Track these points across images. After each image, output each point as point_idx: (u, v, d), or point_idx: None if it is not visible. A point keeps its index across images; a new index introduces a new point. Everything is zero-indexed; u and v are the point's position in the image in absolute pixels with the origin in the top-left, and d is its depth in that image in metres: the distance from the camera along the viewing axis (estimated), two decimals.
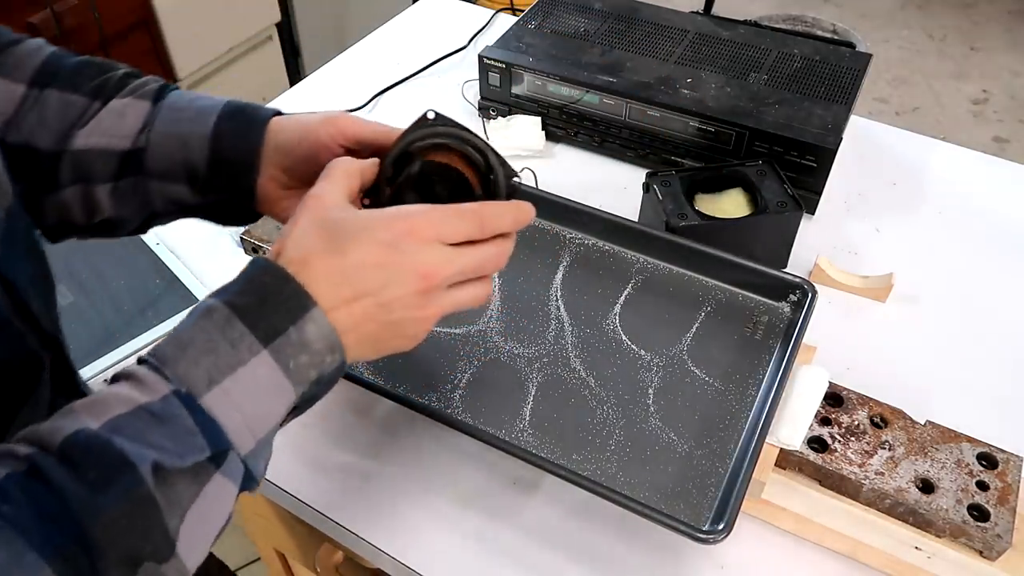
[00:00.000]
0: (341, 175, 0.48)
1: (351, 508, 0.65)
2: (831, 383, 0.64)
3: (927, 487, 0.59)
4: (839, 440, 0.61)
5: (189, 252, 0.87)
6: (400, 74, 1.12)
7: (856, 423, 0.62)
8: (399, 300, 0.45)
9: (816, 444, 0.61)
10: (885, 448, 0.61)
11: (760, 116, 0.89)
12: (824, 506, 0.60)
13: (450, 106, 1.06)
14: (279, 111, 0.58)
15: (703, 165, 0.90)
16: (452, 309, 0.48)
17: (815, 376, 0.64)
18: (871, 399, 0.64)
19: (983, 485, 0.59)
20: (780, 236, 0.82)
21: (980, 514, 0.57)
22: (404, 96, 1.10)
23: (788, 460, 0.61)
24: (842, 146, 0.86)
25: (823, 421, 0.63)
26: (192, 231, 0.80)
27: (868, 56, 0.99)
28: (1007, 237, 0.90)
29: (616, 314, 0.72)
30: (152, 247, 0.87)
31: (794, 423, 0.61)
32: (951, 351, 0.78)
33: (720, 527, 0.54)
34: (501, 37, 1.02)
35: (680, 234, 0.75)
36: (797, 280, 0.70)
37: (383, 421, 0.71)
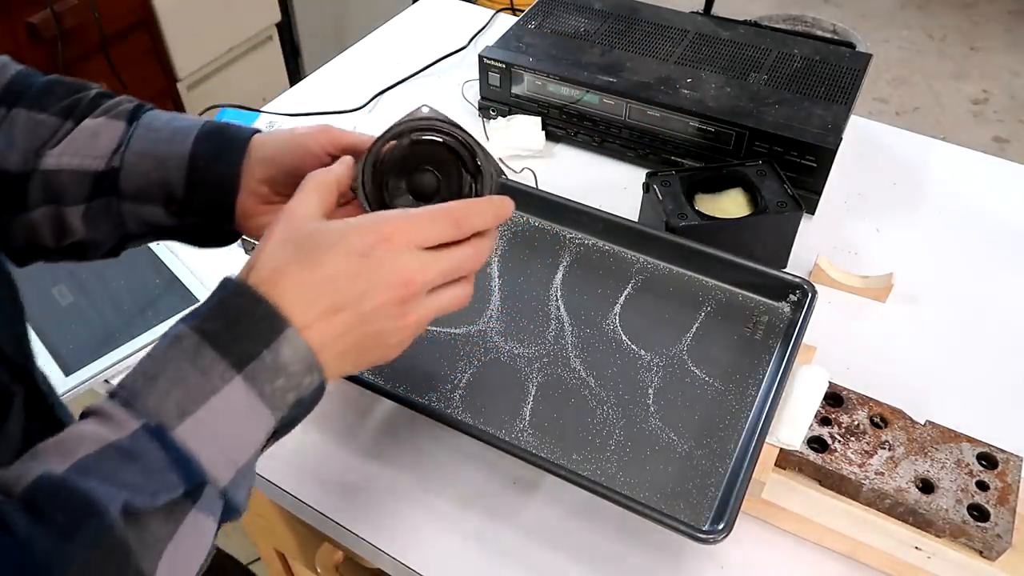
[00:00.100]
0: (315, 188, 0.47)
1: (351, 508, 0.65)
2: (831, 383, 0.64)
3: (927, 487, 0.59)
4: (839, 440, 0.61)
5: (189, 252, 0.87)
6: (400, 74, 1.12)
7: (856, 423, 0.62)
8: (377, 310, 0.44)
9: (816, 444, 0.61)
10: (885, 448, 0.61)
11: (760, 116, 0.89)
12: (824, 506, 0.60)
13: (450, 106, 1.07)
14: (259, 130, 0.57)
15: (703, 165, 0.90)
16: (434, 314, 0.47)
17: (815, 376, 0.64)
18: (871, 399, 0.64)
19: (983, 485, 0.59)
20: (780, 236, 0.82)
21: (980, 514, 0.57)
22: (404, 96, 1.10)
23: (788, 460, 0.61)
24: (842, 146, 0.86)
25: (823, 421, 0.63)
26: None
27: (868, 56, 0.99)
28: (1007, 237, 0.90)
29: (616, 314, 0.72)
30: (152, 247, 0.87)
31: (794, 423, 0.61)
32: (951, 351, 0.78)
33: (720, 527, 0.54)
34: (501, 37, 1.02)
35: (680, 234, 0.75)
36: (797, 280, 0.70)
37: (383, 421, 0.71)
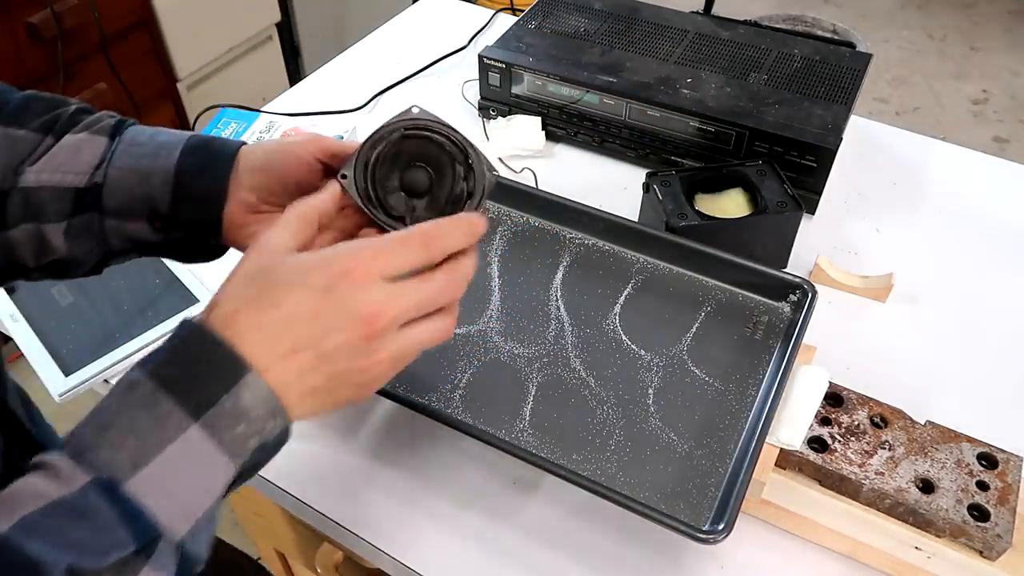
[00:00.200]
0: (292, 219, 0.45)
1: (351, 508, 0.65)
2: (831, 383, 0.64)
3: (927, 487, 0.59)
4: (839, 440, 0.61)
5: None
6: (400, 74, 1.12)
7: (856, 423, 0.62)
8: (341, 349, 0.41)
9: (816, 444, 0.61)
10: (885, 448, 0.61)
11: (760, 116, 0.89)
12: (824, 506, 0.60)
13: (450, 106, 1.07)
14: (245, 142, 0.56)
15: (703, 165, 0.90)
16: (411, 349, 0.44)
17: (815, 376, 0.64)
18: (871, 399, 0.64)
19: (983, 485, 0.59)
20: (780, 236, 0.82)
21: (980, 514, 0.57)
22: (404, 96, 1.10)
23: (788, 460, 0.61)
24: (842, 146, 0.86)
25: (823, 421, 0.63)
26: None
27: (868, 56, 0.99)
28: (1007, 237, 0.90)
29: (616, 314, 0.72)
30: None
31: (794, 423, 0.61)
32: (951, 351, 0.78)
33: (720, 527, 0.54)
34: (501, 37, 1.02)
35: (680, 234, 0.75)
36: (797, 280, 0.70)
37: (383, 421, 0.71)
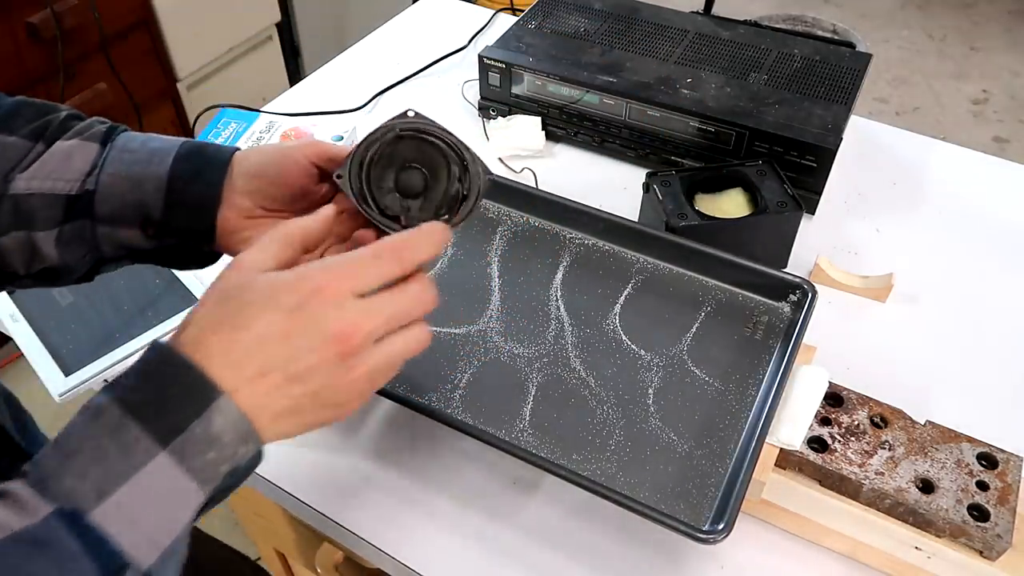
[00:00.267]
0: (272, 239, 0.44)
1: (351, 508, 0.65)
2: (831, 383, 0.64)
3: (927, 487, 0.59)
4: (839, 440, 0.61)
5: None
6: (400, 74, 1.12)
7: (856, 423, 0.62)
8: (314, 369, 0.40)
9: (816, 444, 0.61)
10: (885, 448, 0.61)
11: (760, 116, 0.89)
12: (824, 506, 0.60)
13: (450, 106, 1.07)
14: (239, 148, 0.56)
15: (703, 165, 0.90)
16: (389, 364, 0.43)
17: (815, 376, 0.64)
18: (871, 399, 0.64)
19: (983, 485, 0.59)
20: (780, 236, 0.82)
21: (980, 514, 0.57)
22: (404, 96, 1.10)
23: (788, 460, 0.61)
24: (842, 146, 0.86)
25: (823, 421, 0.63)
26: None
27: (868, 56, 0.99)
28: (1007, 237, 0.90)
29: (616, 314, 0.72)
30: None
31: (794, 423, 0.61)
32: (951, 351, 0.78)
33: (720, 527, 0.54)
34: (501, 37, 1.02)
35: (680, 234, 0.75)
36: (797, 280, 0.70)
37: (383, 421, 0.71)
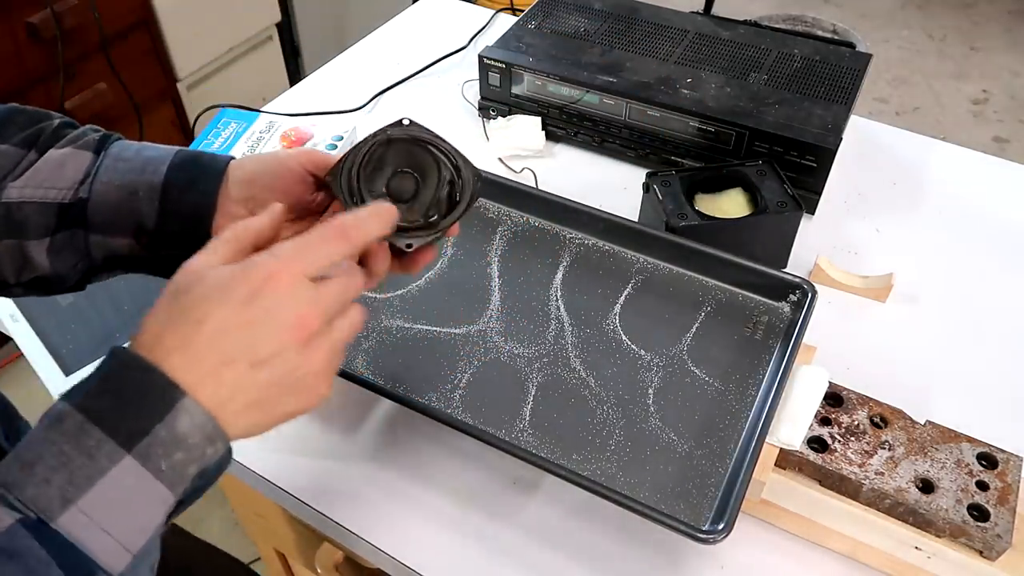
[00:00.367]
0: (222, 240, 0.44)
1: (351, 508, 0.65)
2: (831, 383, 0.64)
3: (927, 487, 0.59)
4: (839, 440, 0.61)
5: None
6: (400, 74, 1.12)
7: (856, 423, 0.62)
8: (275, 357, 0.40)
9: (816, 444, 0.61)
10: (885, 448, 0.61)
11: (760, 116, 0.89)
12: (824, 506, 0.60)
13: (450, 106, 1.07)
14: (233, 157, 0.56)
15: (703, 165, 0.90)
16: (340, 345, 0.43)
17: (815, 376, 0.64)
18: (871, 399, 0.64)
19: (983, 485, 0.59)
20: (780, 236, 0.82)
21: (980, 514, 0.57)
22: (404, 96, 1.10)
23: (788, 460, 0.61)
24: (842, 146, 0.86)
25: (823, 421, 0.63)
26: None
27: (868, 56, 0.99)
28: (1007, 237, 0.90)
29: (616, 314, 0.72)
30: None
31: (794, 423, 0.61)
32: (951, 351, 0.78)
33: (720, 527, 0.54)
34: (501, 37, 1.02)
35: (680, 234, 0.75)
36: (797, 280, 0.70)
37: (383, 421, 0.71)
